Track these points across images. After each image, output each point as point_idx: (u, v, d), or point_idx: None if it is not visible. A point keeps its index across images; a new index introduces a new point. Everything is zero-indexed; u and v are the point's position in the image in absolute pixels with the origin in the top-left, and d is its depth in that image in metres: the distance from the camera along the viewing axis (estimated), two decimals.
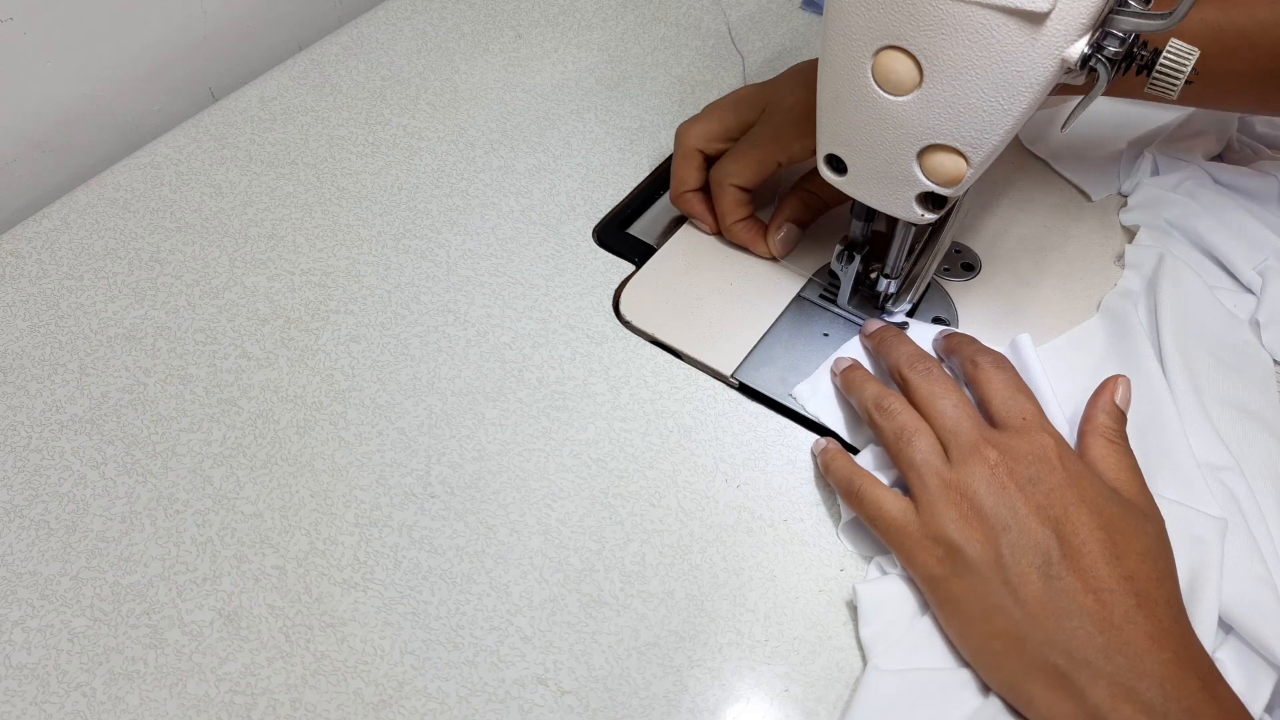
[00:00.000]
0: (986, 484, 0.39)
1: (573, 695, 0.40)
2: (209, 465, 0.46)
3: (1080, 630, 0.36)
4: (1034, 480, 0.39)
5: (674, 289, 0.54)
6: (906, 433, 0.42)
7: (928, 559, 0.40)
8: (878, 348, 0.48)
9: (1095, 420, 0.43)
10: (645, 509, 0.45)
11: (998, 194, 0.60)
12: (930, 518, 0.40)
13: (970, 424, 0.41)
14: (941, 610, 0.39)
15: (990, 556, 0.38)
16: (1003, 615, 0.37)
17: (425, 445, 0.47)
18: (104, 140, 0.64)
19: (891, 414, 0.43)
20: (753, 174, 0.53)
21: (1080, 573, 0.37)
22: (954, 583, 0.39)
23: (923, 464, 0.41)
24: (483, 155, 0.62)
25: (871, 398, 0.45)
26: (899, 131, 0.41)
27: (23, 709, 0.39)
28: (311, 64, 0.67)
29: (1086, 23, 0.35)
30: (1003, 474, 0.39)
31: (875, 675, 0.39)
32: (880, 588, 0.42)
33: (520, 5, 0.73)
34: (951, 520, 0.39)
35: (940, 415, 0.42)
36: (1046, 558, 0.37)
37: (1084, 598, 0.36)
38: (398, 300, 0.53)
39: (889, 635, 0.41)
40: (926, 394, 0.43)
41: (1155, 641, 0.35)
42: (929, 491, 0.40)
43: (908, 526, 0.40)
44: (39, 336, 0.51)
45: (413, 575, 0.43)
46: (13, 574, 0.43)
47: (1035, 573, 0.37)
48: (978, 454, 0.40)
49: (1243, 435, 0.47)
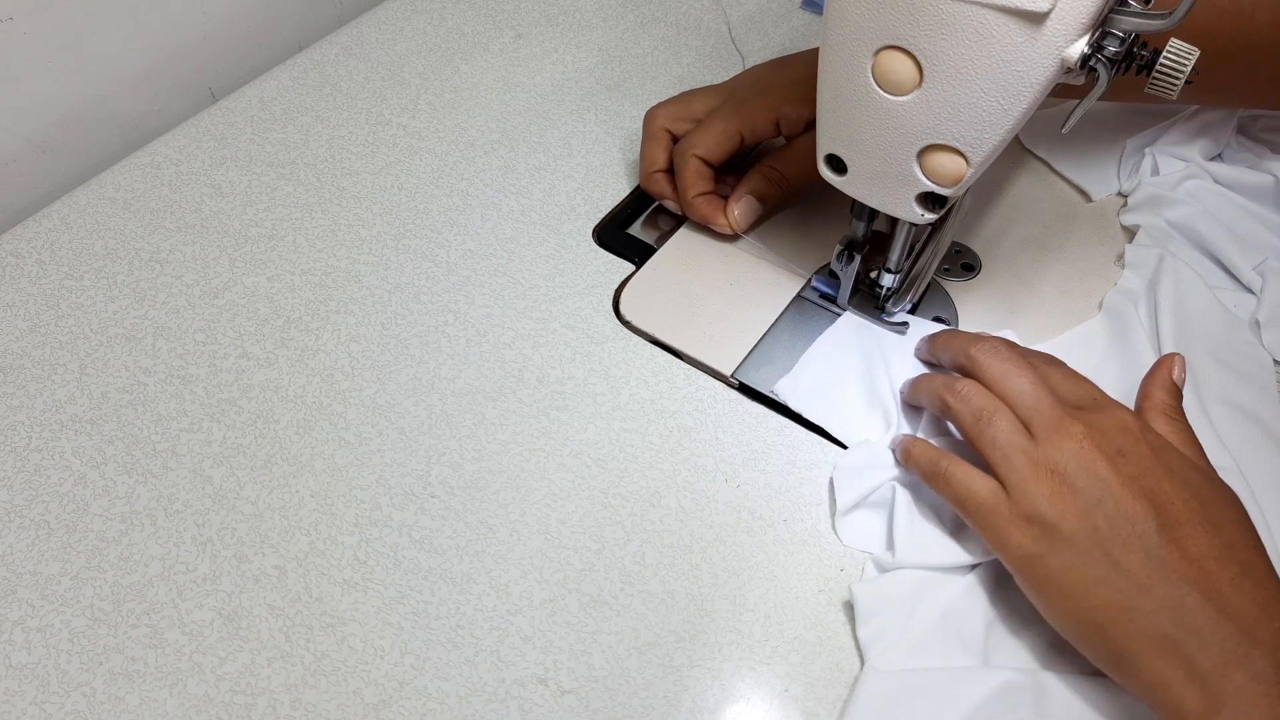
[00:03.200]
0: (1076, 458, 0.38)
1: (573, 695, 0.40)
2: (209, 465, 0.46)
3: (1189, 598, 0.35)
4: (1123, 452, 0.38)
5: (674, 289, 0.54)
6: (985, 413, 0.41)
7: (1021, 538, 0.39)
8: (934, 346, 0.48)
9: (1154, 398, 0.43)
10: (645, 509, 0.45)
11: (998, 194, 0.60)
12: (1021, 496, 0.39)
13: (1050, 400, 0.41)
14: (1038, 590, 0.39)
15: (1088, 530, 0.37)
16: (1107, 587, 0.37)
17: (425, 445, 0.47)
18: (104, 140, 0.64)
19: (966, 397, 0.42)
20: (713, 144, 0.53)
21: (1180, 543, 0.36)
22: (1051, 559, 0.38)
23: (1007, 443, 0.40)
24: (483, 155, 0.62)
25: (941, 385, 0.44)
26: (899, 131, 0.41)
27: (23, 709, 0.39)
28: (311, 64, 0.67)
29: (1086, 23, 0.35)
30: (1091, 448, 0.39)
31: (873, 676, 0.39)
32: (877, 587, 0.42)
33: (520, 5, 0.73)
34: (1043, 497, 0.38)
35: (1018, 394, 0.41)
36: (1145, 529, 0.37)
37: (1188, 567, 0.36)
38: (398, 300, 0.53)
39: (887, 635, 0.41)
40: (999, 373, 0.42)
41: (1264, 610, 0.35)
42: (1016, 470, 0.39)
43: (998, 506, 0.40)
44: (39, 336, 0.51)
45: (413, 575, 0.43)
46: (13, 574, 0.43)
47: (1136, 543, 0.37)
48: (1063, 429, 0.39)
49: (1243, 436, 0.47)
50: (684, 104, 0.56)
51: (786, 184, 0.54)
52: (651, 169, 0.56)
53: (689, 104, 0.55)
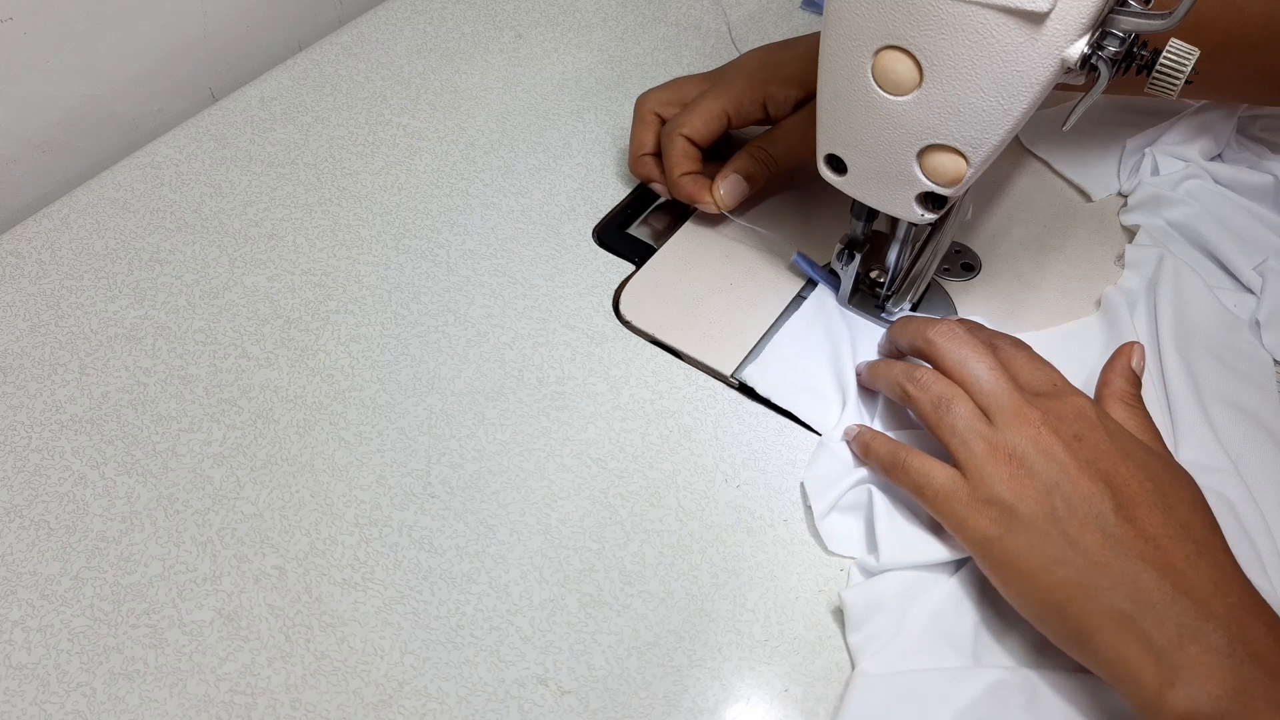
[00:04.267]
0: (1033, 442, 0.39)
1: (573, 695, 0.40)
2: (209, 465, 0.46)
3: (1144, 575, 0.36)
4: (1080, 437, 0.39)
5: (674, 289, 0.54)
6: (944, 400, 0.42)
7: (980, 521, 0.39)
8: (893, 333, 0.48)
9: (1113, 385, 0.43)
10: (645, 509, 0.45)
11: (998, 194, 0.60)
12: (979, 480, 0.39)
13: (1008, 386, 0.41)
14: (997, 571, 0.39)
15: (1045, 511, 0.38)
16: (1064, 565, 0.37)
17: (425, 445, 0.47)
18: (104, 140, 0.64)
19: (925, 384, 0.43)
20: (700, 124, 0.53)
21: (1136, 522, 0.37)
22: (1009, 540, 0.38)
23: (966, 429, 0.41)
24: (483, 155, 0.62)
25: (900, 373, 0.44)
26: (899, 131, 0.41)
27: (23, 709, 0.39)
28: (311, 64, 0.67)
29: (1086, 23, 0.35)
30: (1048, 433, 0.39)
31: (863, 680, 0.39)
32: (866, 592, 0.41)
33: (520, 5, 0.73)
34: (1002, 480, 0.39)
35: (976, 380, 0.42)
36: (1102, 509, 0.37)
37: (1144, 545, 0.36)
38: (398, 300, 0.53)
39: (877, 640, 0.40)
40: (958, 359, 0.43)
41: (1219, 586, 0.36)
42: (975, 456, 0.40)
43: (957, 492, 0.40)
44: (39, 336, 0.51)
45: (413, 575, 0.43)
46: (13, 574, 0.43)
47: (1093, 523, 0.37)
48: (1021, 415, 0.40)
49: (1243, 436, 0.47)
50: (674, 89, 0.56)
51: (774, 164, 0.54)
52: (640, 152, 0.56)
53: (679, 88, 0.56)
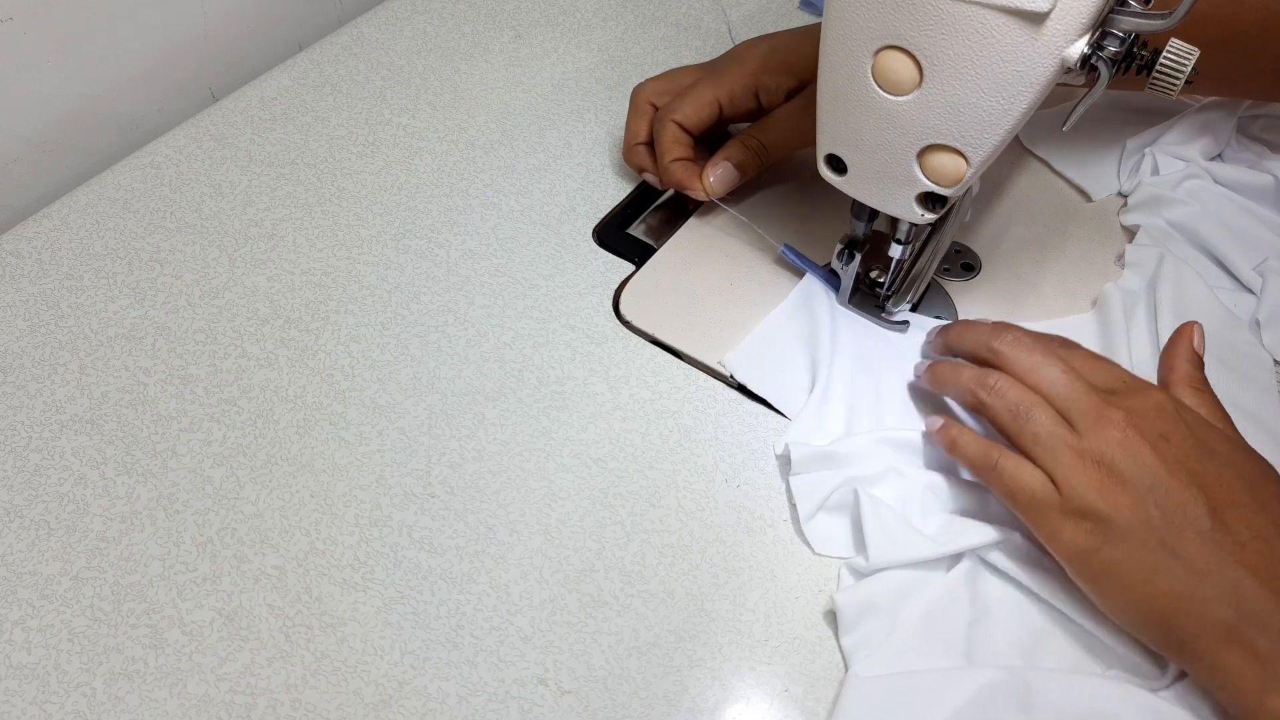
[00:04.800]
0: (1121, 447, 0.38)
1: (573, 695, 0.40)
2: (209, 465, 0.46)
3: (1245, 582, 0.36)
4: (1165, 436, 0.38)
5: (674, 289, 0.54)
6: (1023, 408, 0.41)
7: (1074, 533, 0.38)
8: (951, 338, 0.47)
9: (1179, 370, 0.42)
10: (645, 509, 0.45)
11: (998, 194, 0.60)
12: (1070, 490, 0.38)
13: (1085, 388, 0.40)
14: (1095, 583, 0.38)
15: (1141, 520, 0.37)
16: (1164, 575, 0.37)
17: (425, 445, 0.47)
18: (104, 140, 0.64)
19: (1000, 392, 0.42)
20: (691, 111, 0.53)
21: (1230, 526, 0.37)
22: (1106, 552, 0.38)
23: (1049, 436, 0.40)
24: (483, 155, 0.62)
25: (972, 380, 0.43)
26: (899, 131, 0.41)
27: (23, 709, 0.39)
28: (311, 64, 0.67)
29: (1086, 23, 0.35)
30: (1134, 435, 0.38)
31: (855, 683, 0.39)
32: (859, 594, 0.41)
33: (520, 5, 0.73)
34: (1093, 490, 0.38)
35: (1051, 384, 0.41)
36: (1197, 514, 0.37)
37: (1241, 550, 0.36)
38: (398, 300, 0.53)
39: (870, 642, 0.40)
40: (1028, 364, 0.42)
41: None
42: (1062, 464, 0.39)
43: (1049, 500, 0.39)
44: (39, 336, 0.51)
45: (413, 575, 0.43)
46: (13, 574, 0.43)
47: (1190, 529, 0.37)
48: (1103, 418, 0.39)
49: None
50: (669, 78, 0.57)
51: (765, 153, 0.54)
52: (634, 141, 0.57)
53: (674, 78, 0.56)
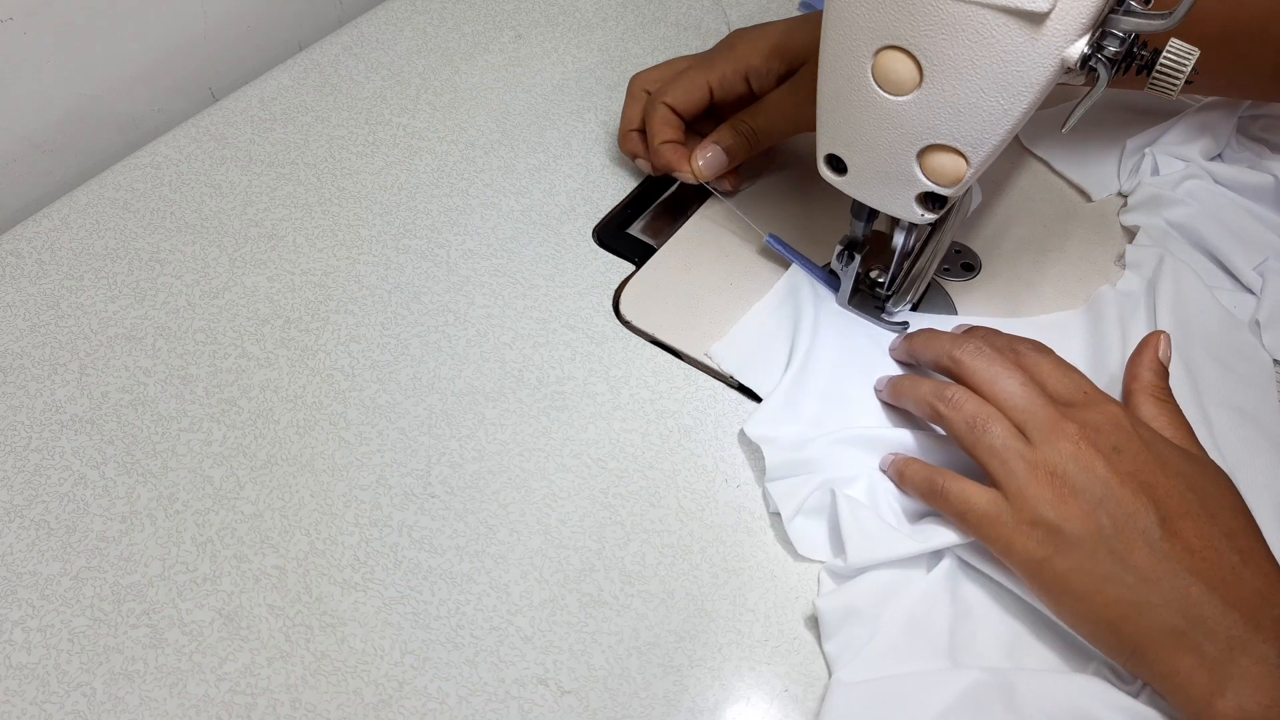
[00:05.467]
0: (1074, 459, 0.39)
1: (573, 695, 0.40)
2: (209, 465, 0.46)
3: (1193, 589, 0.36)
4: (1118, 449, 0.39)
5: (674, 289, 0.54)
6: (979, 420, 0.41)
7: (1027, 543, 0.39)
8: (914, 347, 0.47)
9: (1142, 379, 0.43)
10: (645, 509, 0.45)
11: (998, 194, 0.60)
12: (1022, 502, 0.39)
13: (1041, 401, 0.41)
14: (1047, 593, 0.39)
15: (1092, 530, 0.38)
16: (1115, 584, 0.37)
17: (425, 445, 0.47)
18: (104, 140, 0.64)
19: (957, 404, 0.42)
20: (682, 94, 0.54)
21: (1181, 535, 0.37)
22: (1058, 562, 0.38)
23: (1004, 448, 0.40)
24: (483, 155, 0.62)
25: (930, 392, 0.44)
26: (899, 131, 0.41)
27: (23, 709, 0.39)
28: (311, 64, 0.67)
29: (1086, 23, 0.35)
30: (1087, 447, 0.39)
31: (839, 690, 0.39)
32: (840, 599, 0.41)
33: (520, 5, 0.73)
34: (1046, 500, 0.39)
35: (1009, 396, 0.41)
36: (1148, 524, 0.37)
37: (1191, 558, 0.37)
38: (398, 300, 0.53)
39: (852, 646, 0.40)
40: (988, 375, 0.42)
41: (1264, 598, 0.36)
42: (1016, 476, 0.39)
43: (1000, 515, 0.40)
44: (39, 336, 0.51)
45: (413, 575, 0.43)
46: (13, 574, 0.43)
47: (1140, 539, 0.37)
48: (1058, 430, 0.39)
49: (1242, 439, 0.46)
50: (665, 67, 0.58)
51: (755, 138, 0.54)
52: (628, 128, 0.57)
53: (670, 66, 0.57)
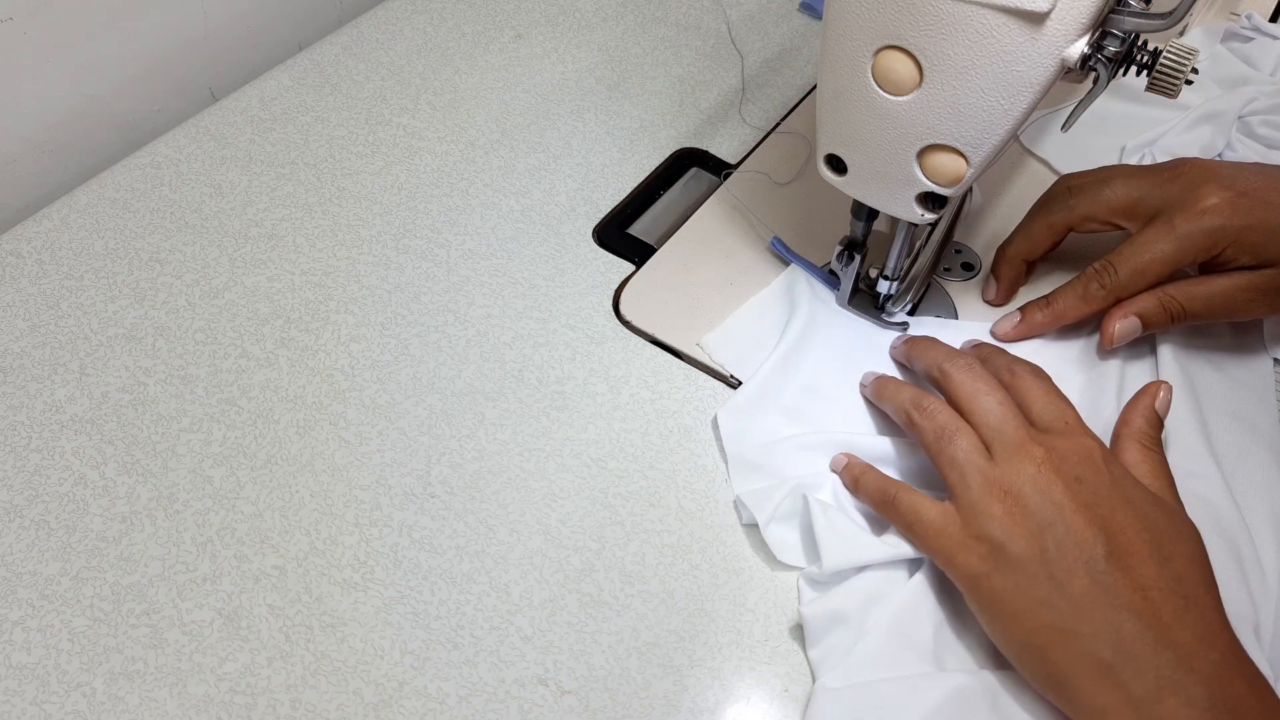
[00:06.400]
0: (1032, 481, 0.38)
1: (573, 695, 0.40)
2: (209, 465, 0.46)
3: (1128, 625, 0.35)
4: (1081, 479, 0.38)
5: (674, 289, 0.54)
6: (948, 432, 0.41)
7: (969, 558, 0.39)
8: (911, 351, 0.48)
9: (1133, 424, 0.42)
10: (645, 509, 0.45)
11: (998, 194, 0.60)
12: (972, 516, 0.39)
13: (1015, 422, 0.41)
14: (982, 609, 0.39)
15: (1035, 552, 0.37)
16: (1048, 609, 0.37)
17: (425, 445, 0.47)
18: (104, 140, 0.64)
19: (931, 414, 0.42)
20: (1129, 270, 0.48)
21: (1128, 571, 0.36)
22: (996, 579, 0.38)
23: (965, 462, 0.40)
24: (483, 155, 0.62)
25: (909, 399, 0.44)
26: (899, 131, 0.41)
27: (23, 709, 0.39)
28: (311, 64, 0.67)
29: (1086, 23, 0.35)
30: (1049, 472, 0.39)
31: (823, 695, 0.39)
32: (824, 607, 0.41)
33: (520, 5, 0.73)
34: (995, 518, 0.38)
35: (984, 413, 0.41)
36: (1093, 555, 0.37)
37: (1132, 595, 0.36)
38: (398, 300, 0.53)
39: (837, 652, 0.40)
40: (969, 391, 0.42)
41: (1204, 642, 0.35)
42: (971, 490, 0.39)
43: (947, 528, 0.40)
44: (39, 336, 0.51)
45: (413, 575, 0.43)
46: (13, 574, 0.43)
47: (1082, 568, 0.37)
48: (1024, 451, 0.39)
49: (1239, 447, 0.46)
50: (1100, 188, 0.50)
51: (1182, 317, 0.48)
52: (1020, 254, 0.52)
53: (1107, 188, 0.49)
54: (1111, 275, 0.48)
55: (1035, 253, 0.52)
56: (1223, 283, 0.47)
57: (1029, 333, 0.50)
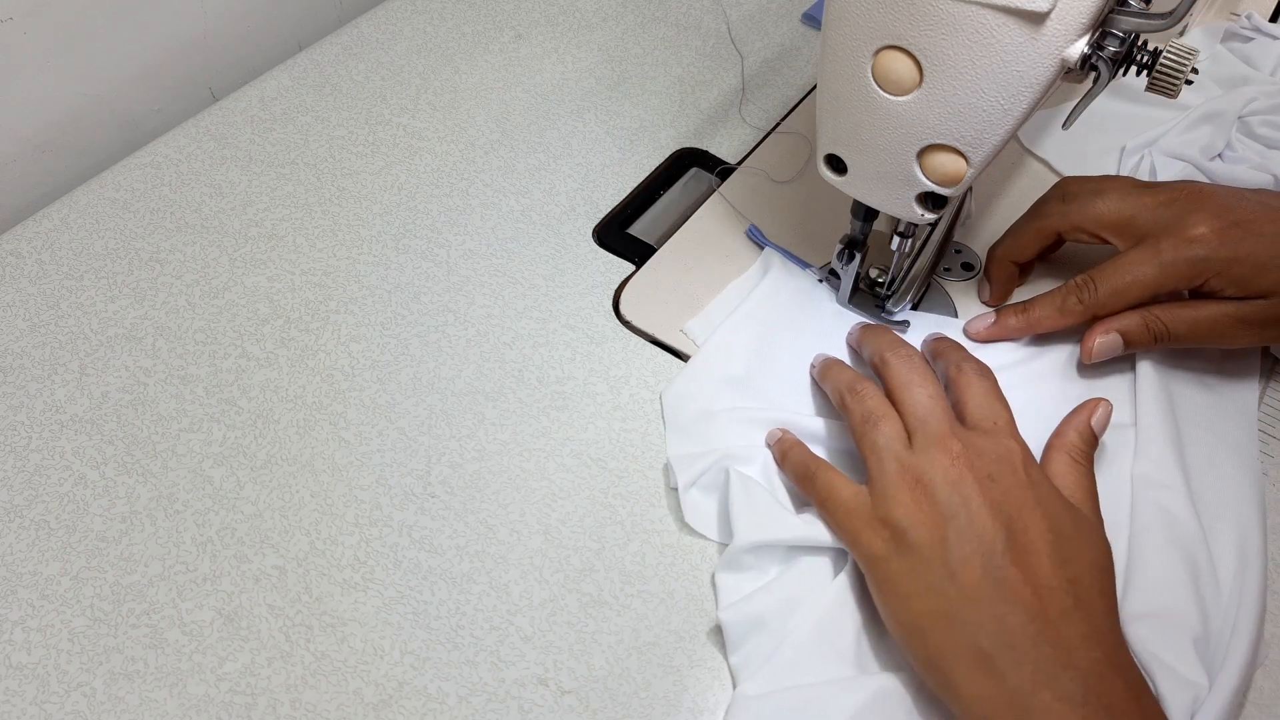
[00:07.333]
0: (944, 473, 0.39)
1: (573, 695, 0.40)
2: (209, 465, 0.46)
3: (1012, 617, 0.36)
4: (993, 478, 0.39)
5: (674, 289, 0.54)
6: (874, 417, 0.42)
7: (872, 539, 0.39)
8: (862, 338, 0.49)
9: (1065, 437, 0.43)
10: (645, 509, 0.45)
11: (998, 194, 0.60)
12: (881, 500, 0.40)
13: (941, 415, 0.41)
14: (879, 590, 0.39)
15: (934, 540, 0.38)
16: (936, 594, 0.37)
17: (425, 445, 0.47)
18: (104, 140, 0.64)
19: (862, 398, 0.43)
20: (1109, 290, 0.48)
21: (1023, 567, 0.37)
22: (894, 562, 0.39)
23: (884, 448, 0.41)
24: (483, 155, 0.62)
25: (846, 382, 0.45)
26: (899, 131, 0.41)
27: (23, 709, 0.39)
28: (311, 64, 0.67)
29: (1086, 23, 0.35)
30: (963, 466, 0.39)
31: (741, 703, 0.38)
32: (745, 610, 0.41)
33: (520, 5, 0.73)
34: (902, 504, 0.39)
35: (913, 404, 0.42)
36: (991, 548, 0.37)
37: (1022, 589, 0.36)
38: (398, 300, 0.53)
39: (757, 658, 0.40)
40: (904, 380, 0.43)
41: (1087, 640, 0.36)
42: (885, 475, 0.40)
43: (857, 509, 0.40)
44: (39, 336, 0.51)
45: (413, 575, 0.43)
46: (13, 574, 0.43)
47: (978, 560, 0.37)
48: (942, 444, 0.40)
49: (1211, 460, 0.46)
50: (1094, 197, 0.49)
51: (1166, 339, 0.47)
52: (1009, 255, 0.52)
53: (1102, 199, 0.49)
54: (1090, 292, 0.48)
55: (1024, 255, 0.52)
56: (1210, 310, 0.46)
57: (1000, 335, 0.50)
